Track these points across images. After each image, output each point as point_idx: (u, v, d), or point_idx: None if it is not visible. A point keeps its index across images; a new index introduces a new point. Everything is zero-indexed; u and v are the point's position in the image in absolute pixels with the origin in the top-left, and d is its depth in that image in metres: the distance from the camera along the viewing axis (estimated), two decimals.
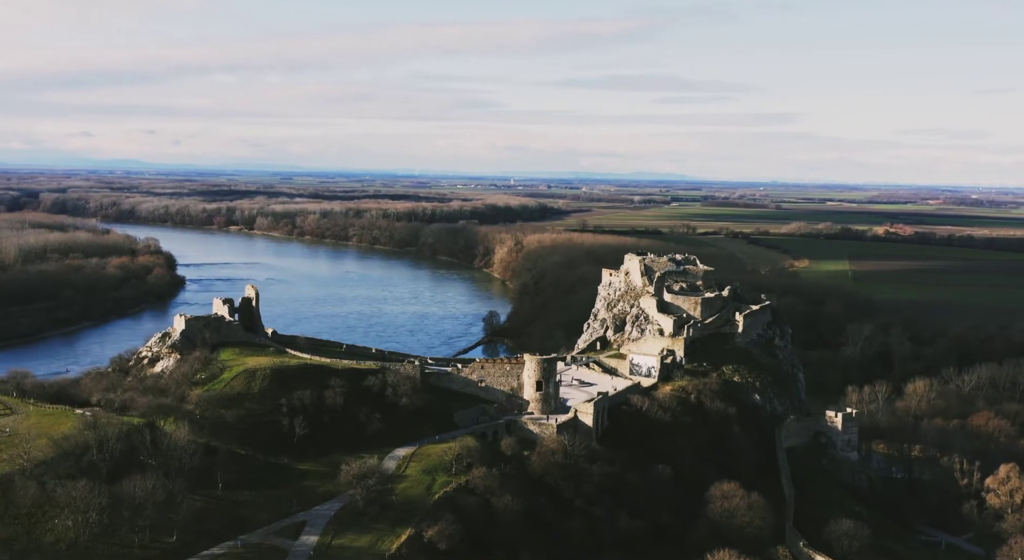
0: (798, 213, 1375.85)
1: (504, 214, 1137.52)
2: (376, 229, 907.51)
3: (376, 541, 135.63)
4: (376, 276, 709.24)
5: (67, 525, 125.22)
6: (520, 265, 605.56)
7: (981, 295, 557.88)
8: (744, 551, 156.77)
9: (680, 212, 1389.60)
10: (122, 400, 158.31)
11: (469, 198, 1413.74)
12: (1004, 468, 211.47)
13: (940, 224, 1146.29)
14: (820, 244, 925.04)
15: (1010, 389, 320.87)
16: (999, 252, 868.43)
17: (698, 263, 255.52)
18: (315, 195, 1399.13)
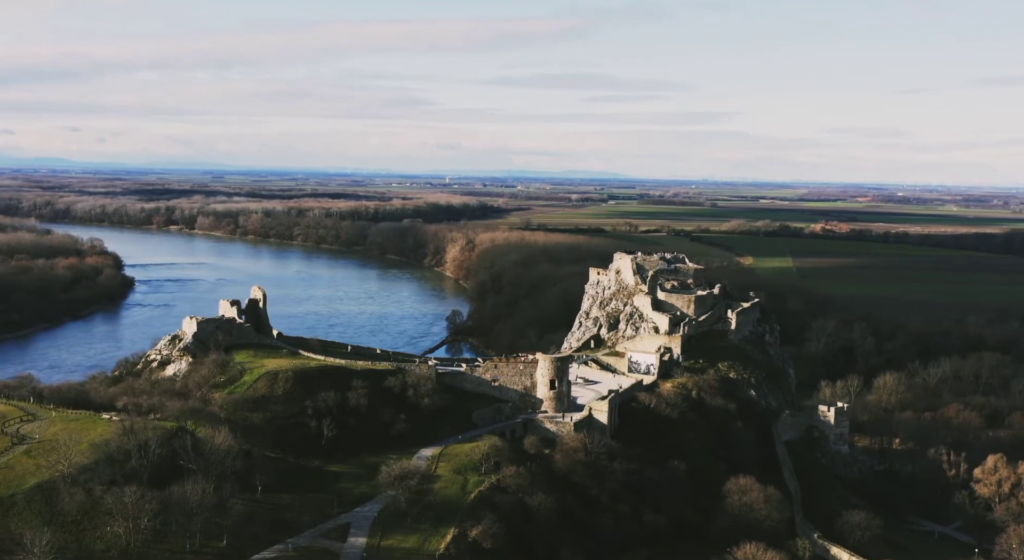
0: (735, 211, 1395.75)
1: (446, 213, 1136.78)
2: (321, 228, 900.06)
3: (423, 541, 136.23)
4: (327, 276, 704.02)
5: (117, 532, 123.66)
6: (475, 264, 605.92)
7: (926, 290, 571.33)
8: (765, 544, 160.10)
9: (618, 210, 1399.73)
10: (150, 404, 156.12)
11: (409, 197, 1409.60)
12: (991, 458, 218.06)
13: (872, 221, 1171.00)
14: (761, 241, 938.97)
15: (973, 382, 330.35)
16: (934, 248, 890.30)
17: (687, 261, 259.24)
18: (253, 194, 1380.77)
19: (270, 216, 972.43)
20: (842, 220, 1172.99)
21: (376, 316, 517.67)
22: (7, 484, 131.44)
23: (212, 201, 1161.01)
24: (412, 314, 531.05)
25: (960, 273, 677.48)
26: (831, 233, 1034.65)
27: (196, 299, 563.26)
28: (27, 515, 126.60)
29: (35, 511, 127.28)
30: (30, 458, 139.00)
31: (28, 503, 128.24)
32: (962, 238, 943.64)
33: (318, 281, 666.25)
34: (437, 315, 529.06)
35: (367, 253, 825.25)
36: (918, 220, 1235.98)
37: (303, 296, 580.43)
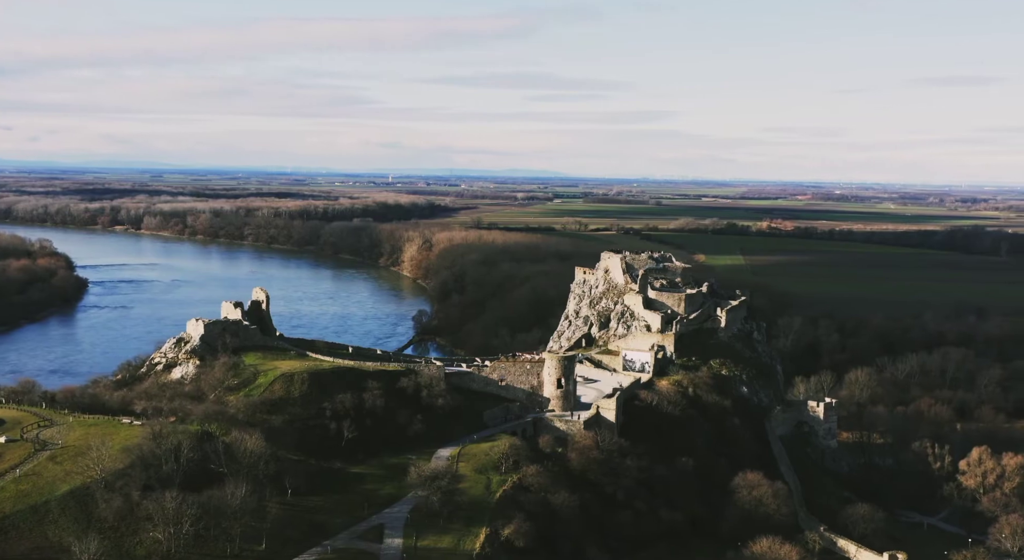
0: (680, 209, 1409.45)
1: (395, 212, 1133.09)
2: (272, 228, 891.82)
3: (458, 541, 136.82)
4: (282, 276, 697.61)
5: (157, 538, 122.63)
6: (435, 264, 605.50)
7: (879, 287, 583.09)
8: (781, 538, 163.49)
9: (565, 209, 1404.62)
10: (171, 408, 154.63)
11: (356, 196, 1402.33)
12: (976, 450, 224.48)
13: (813, 219, 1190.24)
14: (710, 239, 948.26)
15: (940, 376, 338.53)
16: (878, 245, 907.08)
17: (674, 260, 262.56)
18: (197, 193, 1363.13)
19: (219, 216, 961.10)
20: (784, 218, 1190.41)
21: (339, 317, 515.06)
22: (38, 491, 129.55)
23: (157, 201, 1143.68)
24: (375, 314, 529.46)
25: (908, 270, 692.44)
26: (777, 231, 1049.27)
27: (153, 300, 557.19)
28: (63, 522, 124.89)
29: (71, 518, 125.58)
30: (56, 464, 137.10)
31: (63, 510, 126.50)
32: (905, 235, 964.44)
33: (274, 281, 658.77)
34: (400, 315, 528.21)
35: (320, 253, 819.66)
36: (860, 218, 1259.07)
37: None
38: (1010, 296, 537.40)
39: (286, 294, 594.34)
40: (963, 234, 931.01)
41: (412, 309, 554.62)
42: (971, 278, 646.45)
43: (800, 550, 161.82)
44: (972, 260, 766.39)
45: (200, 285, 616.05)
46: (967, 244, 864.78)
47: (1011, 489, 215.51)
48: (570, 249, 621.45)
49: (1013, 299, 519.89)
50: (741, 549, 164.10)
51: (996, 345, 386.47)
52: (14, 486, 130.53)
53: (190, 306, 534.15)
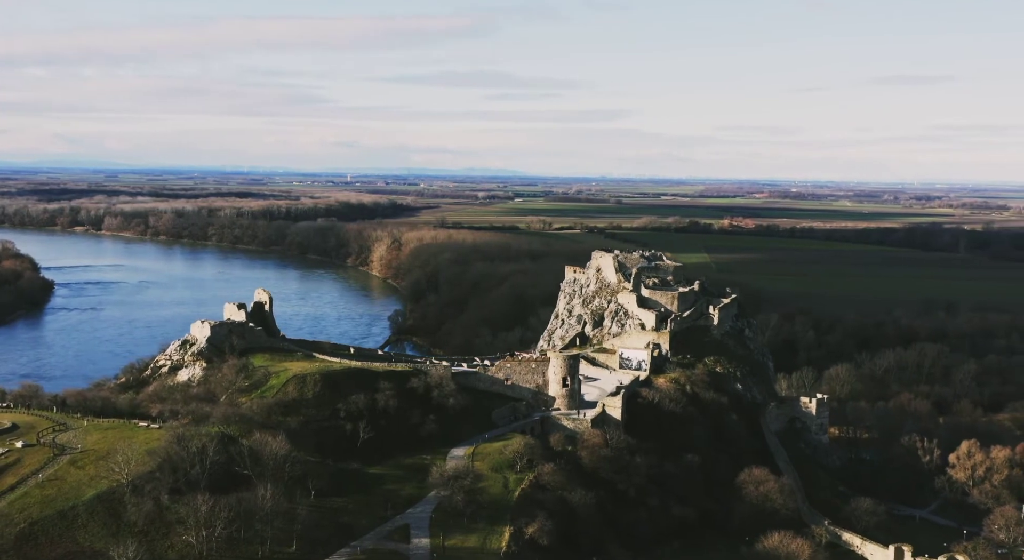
0: (640, 207, 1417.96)
1: (358, 211, 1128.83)
2: (237, 228, 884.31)
3: (484, 540, 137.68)
4: (250, 276, 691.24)
5: (189, 541, 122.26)
6: (406, 264, 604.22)
7: (847, 284, 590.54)
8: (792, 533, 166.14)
9: (527, 207, 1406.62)
10: (187, 411, 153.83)
11: (317, 195, 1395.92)
12: (965, 444, 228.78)
13: (773, 217, 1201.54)
14: (673, 237, 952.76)
15: (916, 371, 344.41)
16: (839, 243, 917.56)
17: (664, 259, 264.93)
18: (156, 193, 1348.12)
19: (182, 216, 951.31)
20: (743, 216, 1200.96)
21: (312, 317, 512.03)
22: (64, 496, 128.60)
23: (117, 201, 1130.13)
24: (348, 314, 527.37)
25: (871, 267, 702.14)
26: (739, 229, 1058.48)
27: (122, 302, 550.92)
28: (92, 527, 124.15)
29: (100, 522, 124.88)
30: (78, 469, 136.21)
31: (91, 515, 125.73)
32: (865, 233, 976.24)
33: (243, 282, 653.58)
34: (373, 315, 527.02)
35: (286, 253, 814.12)
36: (818, 215, 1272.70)
37: (232, 297, 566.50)
38: (974, 292, 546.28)
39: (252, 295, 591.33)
40: (922, 231, 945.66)
41: (385, 309, 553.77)
42: (933, 274, 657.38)
43: (811, 544, 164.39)
44: (933, 257, 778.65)
45: (168, 286, 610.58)
46: (927, 241, 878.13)
47: (1000, 481, 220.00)
48: (541, 249, 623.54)
49: (977, 294, 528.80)
50: (751, 544, 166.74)
51: (967, 340, 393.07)
52: (39, 491, 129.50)
53: (160, 307, 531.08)
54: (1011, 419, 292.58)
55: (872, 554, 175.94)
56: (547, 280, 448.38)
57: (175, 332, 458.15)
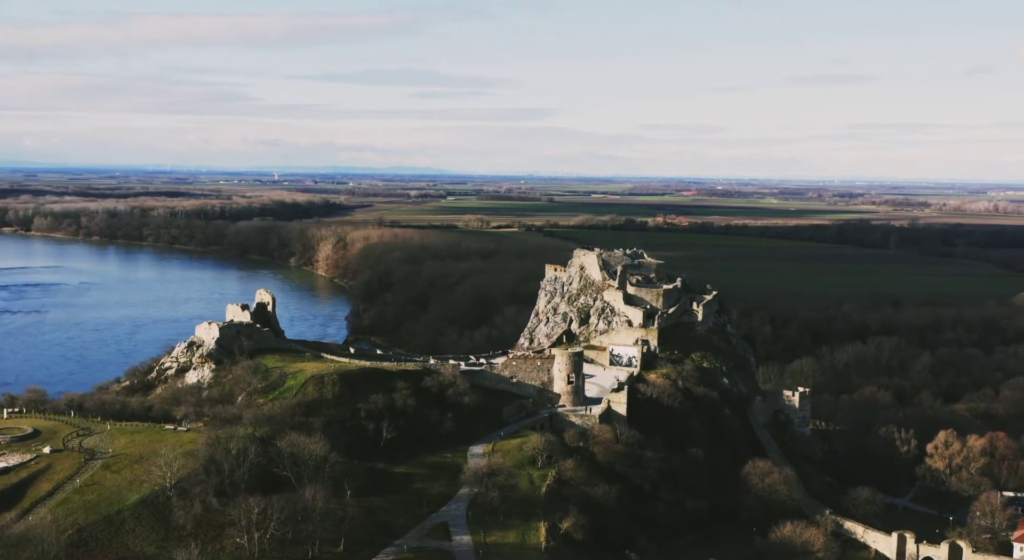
0: (573, 206, 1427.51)
1: (293, 210, 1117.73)
2: (174, 228, 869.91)
3: (522, 536, 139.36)
4: (194, 277, 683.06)
5: (240, 543, 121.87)
6: (356, 263, 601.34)
7: (787, 280, 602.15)
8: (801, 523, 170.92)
9: (460, 206, 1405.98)
10: (213, 412, 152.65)
11: (249, 194, 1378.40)
12: (943, 433, 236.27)
13: (705, 214, 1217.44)
14: (611, 235, 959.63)
15: (874, 364, 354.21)
16: (773, 240, 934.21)
17: (645, 256, 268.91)
18: (83, 193, 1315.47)
19: (115, 216, 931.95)
20: (675, 213, 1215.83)
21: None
22: (106, 501, 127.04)
23: (44, 201, 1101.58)
24: (300, 315, 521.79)
25: (810, 263, 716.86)
26: (673, 226, 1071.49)
27: (67, 304, 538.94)
28: (140, 531, 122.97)
29: (147, 526, 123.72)
30: (114, 473, 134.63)
31: (137, 519, 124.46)
32: (797, 229, 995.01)
33: (189, 283, 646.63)
34: (326, 315, 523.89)
35: (225, 253, 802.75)
36: (747, 213, 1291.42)
37: (180, 298, 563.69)
38: (911, 286, 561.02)
39: (203, 295, 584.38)
40: (853, 228, 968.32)
41: (336, 309, 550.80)
42: (869, 270, 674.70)
43: (823, 533, 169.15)
44: (866, 253, 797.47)
45: (111, 288, 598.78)
46: (858, 237, 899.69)
47: (977, 469, 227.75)
48: (491, 247, 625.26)
49: (915, 289, 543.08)
50: (760, 535, 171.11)
51: (916, 333, 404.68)
52: (79, 497, 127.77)
53: (106, 309, 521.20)
54: (968, 409, 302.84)
55: (875, 541, 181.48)
56: (507, 278, 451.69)
57: (125, 334, 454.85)
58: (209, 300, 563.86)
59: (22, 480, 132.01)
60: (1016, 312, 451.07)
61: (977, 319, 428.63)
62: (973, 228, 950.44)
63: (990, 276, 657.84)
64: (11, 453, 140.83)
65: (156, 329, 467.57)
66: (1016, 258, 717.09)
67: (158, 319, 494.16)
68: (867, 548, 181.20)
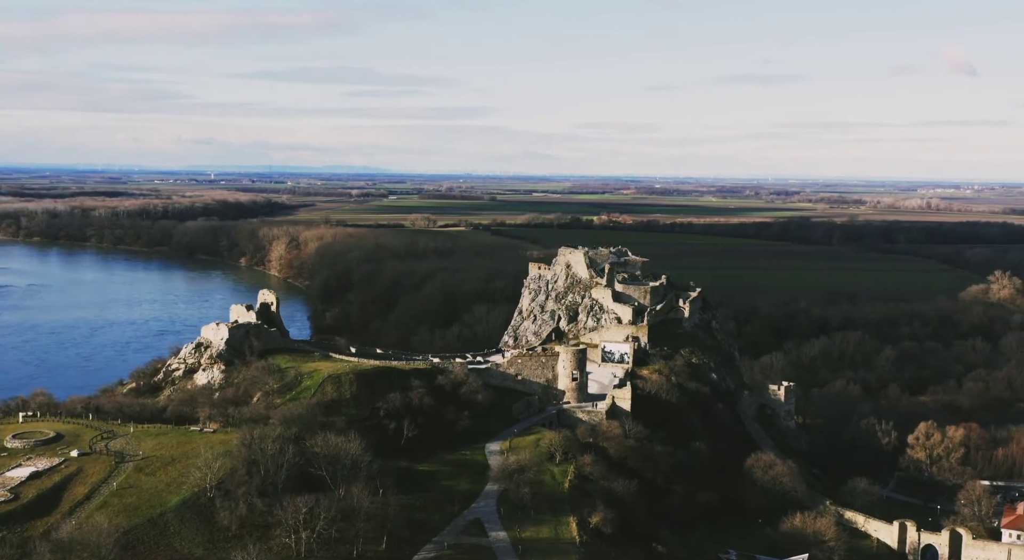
0: (517, 204, 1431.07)
1: (235, 209, 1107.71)
2: (119, 228, 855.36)
3: (555, 531, 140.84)
4: (144, 278, 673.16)
5: (287, 543, 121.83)
6: (312, 263, 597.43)
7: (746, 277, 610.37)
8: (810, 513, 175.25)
9: (404, 205, 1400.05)
10: (239, 413, 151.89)
11: (189, 194, 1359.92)
12: (923, 425, 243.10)
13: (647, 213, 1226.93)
14: (557, 233, 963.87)
15: (840, 359, 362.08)
16: (717, 237, 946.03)
17: (629, 254, 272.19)
18: (17, 193, 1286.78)
19: (56, 217, 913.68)
20: (617, 212, 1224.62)
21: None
22: (147, 504, 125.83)
23: None
24: None
25: (760, 259, 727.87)
26: (618, 224, 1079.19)
27: (16, 307, 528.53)
28: (185, 533, 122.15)
29: (192, 528, 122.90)
30: (148, 475, 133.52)
31: (181, 521, 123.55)
32: (741, 227, 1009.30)
33: (140, 284, 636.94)
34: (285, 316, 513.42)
35: (172, 254, 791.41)
36: (688, 211, 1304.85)
37: (134, 300, 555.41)
38: (862, 282, 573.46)
39: (157, 297, 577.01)
40: (796, 225, 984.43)
41: (294, 310, 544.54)
42: (818, 266, 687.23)
43: (832, 523, 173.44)
44: (812, 250, 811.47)
45: (61, 290, 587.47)
46: (802, 235, 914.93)
47: (957, 459, 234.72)
48: (449, 246, 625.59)
49: (865, 284, 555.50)
50: (768, 526, 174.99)
51: (875, 327, 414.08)
52: (118, 500, 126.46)
53: (59, 312, 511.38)
54: (934, 401, 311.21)
55: (876, 530, 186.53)
56: (474, 277, 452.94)
57: (82, 337, 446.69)
58: (164, 302, 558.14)
59: (56, 484, 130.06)
60: (967, 307, 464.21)
61: (931, 313, 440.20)
62: (911, 225, 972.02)
63: (933, 272, 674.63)
64: (37, 457, 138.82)
65: (114, 332, 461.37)
66: (956, 254, 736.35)
67: (115, 322, 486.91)
68: (868, 537, 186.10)
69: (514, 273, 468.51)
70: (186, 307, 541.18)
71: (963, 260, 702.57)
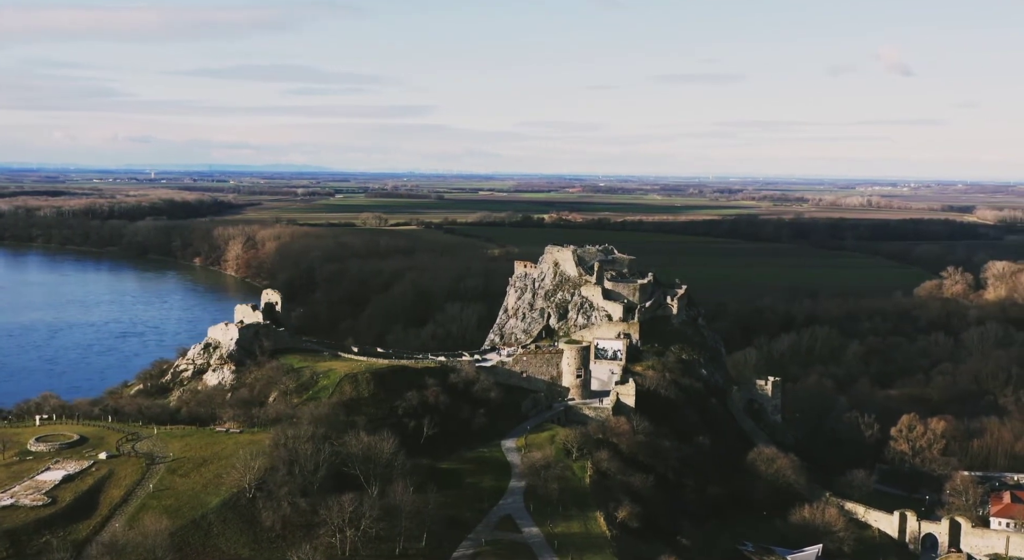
0: (465, 202, 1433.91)
1: (182, 209, 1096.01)
2: (66, 228, 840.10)
3: (585, 526, 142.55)
4: (96, 279, 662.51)
5: (331, 542, 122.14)
6: (274, 262, 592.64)
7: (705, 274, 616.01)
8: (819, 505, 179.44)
9: (352, 204, 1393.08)
10: (264, 413, 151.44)
11: (132, 194, 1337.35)
12: (905, 417, 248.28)
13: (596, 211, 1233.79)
14: (511, 232, 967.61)
15: (809, 354, 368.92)
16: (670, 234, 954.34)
17: (616, 252, 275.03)
18: None
19: (1, 216, 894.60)
20: (566, 210, 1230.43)
21: (186, 321, 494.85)
22: (188, 505, 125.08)
23: None
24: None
25: (715, 257, 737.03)
26: (569, 223, 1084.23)
27: None
28: (229, 534, 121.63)
29: (235, 529, 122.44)
30: (182, 477, 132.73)
31: (224, 523, 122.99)
32: (692, 225, 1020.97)
33: (93, 284, 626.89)
34: None
35: (122, 254, 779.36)
36: (636, 209, 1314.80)
37: (91, 302, 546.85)
38: (819, 279, 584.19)
39: (114, 298, 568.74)
40: (745, 223, 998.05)
41: None
42: (771, 263, 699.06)
43: (839, 513, 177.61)
44: (762, 247, 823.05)
45: (13, 291, 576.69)
46: (751, 232, 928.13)
47: (939, 450, 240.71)
48: (410, 245, 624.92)
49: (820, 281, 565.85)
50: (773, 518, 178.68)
51: (838, 323, 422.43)
52: (157, 502, 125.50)
53: (14, 313, 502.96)
54: (902, 394, 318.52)
55: (876, 521, 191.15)
56: (445, 276, 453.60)
57: (42, 340, 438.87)
58: (122, 303, 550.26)
59: (91, 487, 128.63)
60: (923, 302, 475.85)
61: (891, 309, 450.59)
62: (857, 222, 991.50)
63: (883, 268, 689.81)
64: (65, 460, 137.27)
65: (75, 334, 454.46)
66: (904, 251, 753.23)
67: (74, 323, 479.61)
68: (869, 528, 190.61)
69: (482, 271, 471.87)
70: (145, 308, 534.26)
71: (911, 256, 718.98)
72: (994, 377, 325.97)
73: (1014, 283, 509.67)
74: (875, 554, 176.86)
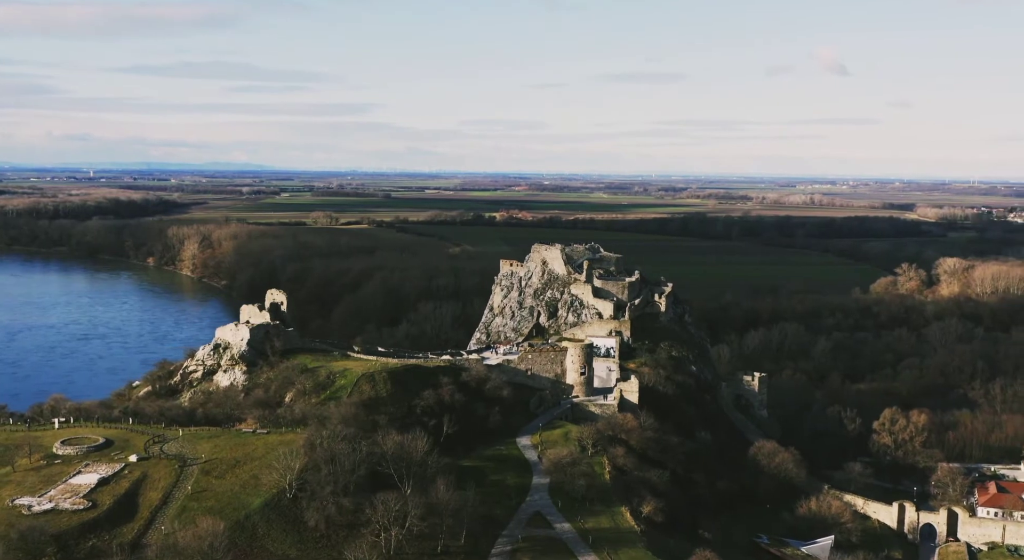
0: (413, 201, 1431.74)
1: (129, 208, 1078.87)
2: (13, 228, 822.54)
3: (613, 520, 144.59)
4: (47, 280, 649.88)
5: (375, 541, 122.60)
6: (233, 262, 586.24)
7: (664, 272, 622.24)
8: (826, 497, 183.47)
9: (298, 203, 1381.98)
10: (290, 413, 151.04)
11: (73, 193, 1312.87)
12: (888, 411, 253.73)
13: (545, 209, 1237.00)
14: (463, 230, 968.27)
15: (779, 350, 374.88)
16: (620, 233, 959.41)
17: (602, 250, 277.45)
18: None
19: None
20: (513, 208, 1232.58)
21: (148, 322, 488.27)
22: (230, 507, 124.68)
23: None
24: (188, 318, 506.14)
25: (671, 255, 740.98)
26: (520, 221, 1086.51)
27: None
28: (274, 534, 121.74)
29: (280, 529, 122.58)
30: (217, 478, 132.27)
31: (268, 523, 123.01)
32: (643, 223, 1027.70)
33: (45, 286, 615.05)
34: (210, 317, 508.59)
35: (71, 254, 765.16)
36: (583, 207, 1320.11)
37: (48, 304, 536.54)
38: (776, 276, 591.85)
39: (70, 300, 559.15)
40: (696, 221, 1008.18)
41: (217, 310, 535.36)
42: (726, 260, 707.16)
43: (844, 505, 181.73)
44: (714, 245, 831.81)
45: None
46: (702, 230, 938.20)
47: (921, 443, 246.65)
48: (371, 244, 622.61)
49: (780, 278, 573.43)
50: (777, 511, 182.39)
51: (801, 319, 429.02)
52: (197, 504, 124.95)
53: None
54: (872, 389, 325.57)
55: (876, 512, 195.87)
56: (414, 275, 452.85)
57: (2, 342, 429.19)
58: (79, 304, 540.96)
59: (128, 490, 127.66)
60: (882, 298, 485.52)
61: (852, 305, 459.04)
62: (805, 220, 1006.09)
63: (834, 265, 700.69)
64: (95, 463, 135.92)
65: (35, 336, 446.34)
66: (854, 247, 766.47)
67: (32, 326, 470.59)
68: (869, 518, 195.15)
69: (451, 270, 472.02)
70: (104, 310, 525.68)
71: (862, 253, 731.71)
72: (960, 371, 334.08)
73: (967, 279, 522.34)
74: (879, 544, 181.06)
